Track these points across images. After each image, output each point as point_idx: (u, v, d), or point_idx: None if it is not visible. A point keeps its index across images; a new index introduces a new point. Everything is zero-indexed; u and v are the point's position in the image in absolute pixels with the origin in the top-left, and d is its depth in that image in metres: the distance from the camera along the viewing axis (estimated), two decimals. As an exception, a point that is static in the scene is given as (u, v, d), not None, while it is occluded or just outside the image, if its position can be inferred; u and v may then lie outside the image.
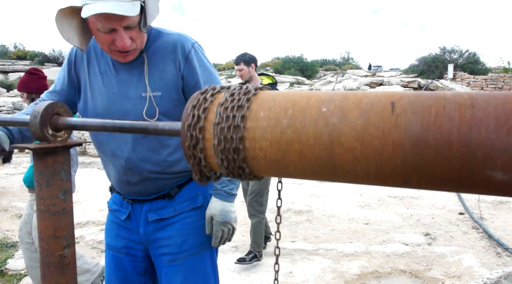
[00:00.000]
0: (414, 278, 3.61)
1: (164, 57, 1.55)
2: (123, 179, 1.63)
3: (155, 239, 1.67)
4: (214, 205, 1.65)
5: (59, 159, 0.89)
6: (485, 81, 19.28)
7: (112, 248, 1.75)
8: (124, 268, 1.73)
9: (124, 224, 1.72)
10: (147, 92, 1.51)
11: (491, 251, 4.13)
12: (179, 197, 1.68)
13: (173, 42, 1.56)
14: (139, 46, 1.48)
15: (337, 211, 5.47)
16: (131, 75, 1.55)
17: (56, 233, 0.89)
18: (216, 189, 1.67)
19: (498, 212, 5.38)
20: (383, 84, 19.98)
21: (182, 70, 1.55)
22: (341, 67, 29.69)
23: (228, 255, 4.09)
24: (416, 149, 0.49)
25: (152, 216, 1.66)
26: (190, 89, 1.56)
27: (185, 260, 1.66)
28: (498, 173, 0.45)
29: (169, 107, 1.54)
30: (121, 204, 1.73)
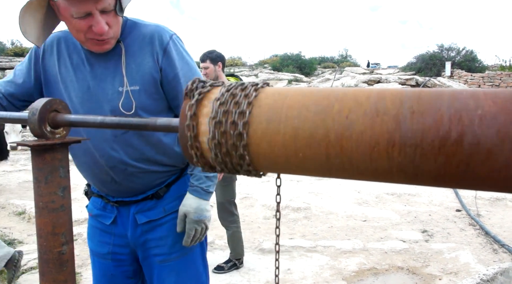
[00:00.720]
0: (411, 275, 3.63)
1: (141, 49, 1.47)
2: (106, 179, 1.55)
3: (144, 240, 1.61)
4: (190, 202, 1.57)
5: (57, 155, 0.89)
6: (482, 79, 19.31)
7: (97, 254, 1.68)
8: (112, 274, 1.67)
9: (108, 229, 1.64)
10: (124, 86, 1.43)
11: (488, 247, 4.15)
12: (168, 196, 1.62)
13: (150, 33, 1.48)
14: (116, 33, 1.40)
15: (335, 208, 5.48)
16: (106, 69, 1.46)
17: (55, 230, 0.89)
18: (192, 185, 1.58)
19: (494, 209, 5.40)
20: (381, 81, 20.02)
21: (161, 62, 1.47)
22: (339, 65, 29.69)
23: (227, 252, 4.10)
24: (410, 141, 0.50)
25: (141, 218, 1.59)
26: (169, 82, 1.49)
27: (177, 260, 1.62)
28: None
29: (147, 102, 1.47)
30: (104, 208, 1.65)
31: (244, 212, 5.33)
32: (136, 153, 1.51)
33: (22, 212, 5.33)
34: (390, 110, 0.52)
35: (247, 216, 5.21)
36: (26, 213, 5.28)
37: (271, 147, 0.57)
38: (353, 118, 0.53)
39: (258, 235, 4.54)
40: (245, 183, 6.70)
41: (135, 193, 1.59)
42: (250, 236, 4.51)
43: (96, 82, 1.46)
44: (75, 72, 1.49)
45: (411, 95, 0.52)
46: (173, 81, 1.49)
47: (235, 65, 31.37)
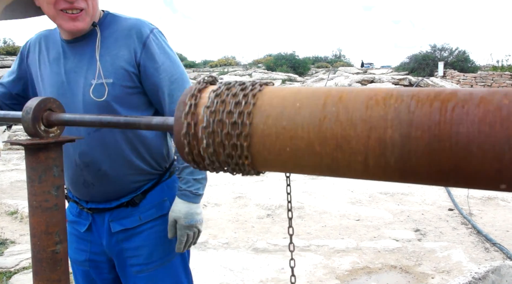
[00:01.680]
0: (404, 274, 3.65)
1: (118, 42, 1.43)
2: (79, 180, 1.49)
3: (120, 250, 1.55)
4: (179, 207, 1.49)
5: (51, 154, 0.88)
6: (475, 79, 19.45)
7: (75, 261, 1.63)
8: (92, 280, 1.63)
9: (84, 236, 1.58)
10: (101, 79, 1.40)
11: (480, 246, 4.19)
12: (144, 204, 1.54)
13: (129, 27, 1.44)
14: (90, 9, 1.37)
15: (329, 207, 5.50)
16: (80, 61, 1.44)
17: (48, 229, 0.89)
18: (181, 189, 1.51)
19: (486, 208, 5.44)
20: (374, 81, 20.09)
21: (139, 57, 1.43)
22: (333, 65, 29.76)
23: (220, 251, 4.10)
24: (405, 136, 0.51)
25: (115, 226, 1.52)
26: (148, 77, 1.45)
27: (154, 271, 1.54)
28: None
29: (121, 94, 1.42)
30: (79, 214, 1.59)
31: (238, 212, 5.34)
32: (110, 152, 1.46)
33: (14, 212, 5.29)
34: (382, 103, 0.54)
35: (241, 215, 5.21)
36: (18, 212, 5.25)
37: (265, 141, 0.57)
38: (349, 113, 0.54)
39: (252, 235, 4.55)
40: (239, 182, 6.70)
41: (108, 198, 1.52)
42: (244, 236, 4.52)
43: (71, 76, 1.44)
44: (51, 67, 1.48)
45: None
46: (152, 76, 1.45)
47: (229, 65, 31.35)
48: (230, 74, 24.62)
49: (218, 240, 4.33)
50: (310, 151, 0.56)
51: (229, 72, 25.83)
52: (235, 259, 3.92)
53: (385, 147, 0.52)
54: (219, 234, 4.53)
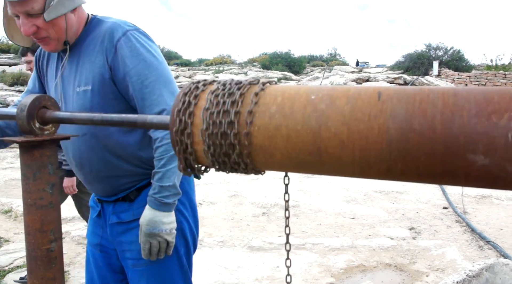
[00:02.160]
0: (399, 271, 3.66)
1: (95, 48, 1.43)
2: (80, 176, 1.60)
3: (119, 242, 1.61)
4: (145, 213, 1.46)
5: (46, 152, 0.88)
6: (469, 78, 19.54)
7: (90, 243, 1.72)
8: (101, 265, 1.68)
9: (98, 221, 1.68)
10: (82, 87, 1.45)
11: (474, 244, 4.21)
12: (139, 200, 1.57)
13: (104, 30, 1.44)
14: (54, 35, 1.41)
15: (324, 206, 5.51)
16: (70, 70, 1.49)
17: (43, 227, 0.89)
18: (149, 195, 1.47)
19: (480, 206, 5.48)
20: (370, 80, 20.14)
21: (110, 61, 1.41)
22: (328, 63, 29.79)
23: (216, 250, 4.10)
24: (400, 133, 0.50)
25: (112, 218, 1.60)
26: (120, 81, 1.42)
27: (146, 267, 1.56)
28: (479, 157, 0.47)
29: (101, 102, 1.43)
30: (95, 201, 1.70)
31: (233, 210, 5.34)
32: (97, 156, 1.51)
33: (9, 210, 5.27)
34: (371, 99, 0.54)
35: (236, 213, 5.21)
36: (12, 211, 5.23)
37: (258, 136, 0.58)
38: (338, 107, 0.54)
39: (247, 233, 4.55)
40: (235, 181, 6.70)
41: (106, 194, 1.60)
42: (239, 234, 4.52)
43: (64, 84, 1.52)
44: (52, 75, 1.57)
45: (388, 88, 0.54)
46: (124, 80, 1.41)
47: (224, 63, 31.31)
48: (225, 73, 24.59)
49: (213, 239, 4.33)
50: (312, 150, 0.56)
51: (225, 71, 25.80)
52: (231, 258, 3.92)
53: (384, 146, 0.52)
54: (215, 233, 4.53)
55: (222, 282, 3.45)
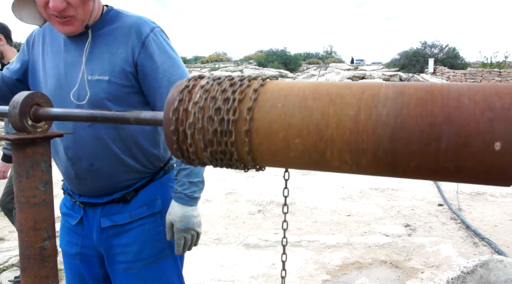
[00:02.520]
0: (394, 268, 3.68)
1: (117, 40, 1.41)
2: (70, 173, 1.49)
3: (109, 246, 1.53)
4: (175, 210, 1.48)
5: (39, 150, 0.87)
6: (464, 75, 19.60)
7: (66, 254, 1.62)
8: (82, 275, 1.60)
9: (75, 229, 1.58)
10: (83, 74, 1.38)
11: (469, 241, 4.23)
12: (136, 201, 1.53)
13: (129, 25, 1.42)
14: (81, 16, 1.34)
15: (320, 203, 5.52)
16: (79, 56, 1.42)
17: (36, 225, 0.88)
18: (176, 191, 1.49)
19: (475, 203, 5.50)
20: (365, 77, 20.17)
21: (137, 56, 1.40)
22: (324, 61, 29.81)
23: (211, 247, 4.10)
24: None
25: (105, 222, 1.51)
26: (146, 77, 1.42)
27: (142, 269, 1.53)
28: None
29: (117, 93, 1.40)
30: (72, 207, 1.58)
31: (229, 207, 5.34)
32: (104, 149, 1.44)
33: (3, 209, 5.24)
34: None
35: (232, 211, 5.21)
36: (7, 209, 5.20)
37: (255, 132, 0.57)
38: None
39: (243, 230, 4.55)
40: (230, 178, 6.70)
41: (99, 193, 1.51)
42: (235, 231, 4.52)
43: (69, 69, 1.43)
44: (53, 59, 1.47)
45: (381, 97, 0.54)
46: (150, 76, 1.42)
47: (220, 61, 31.26)
48: (221, 70, 24.56)
49: (209, 236, 4.33)
50: (311, 147, 0.55)
51: (220, 68, 25.76)
52: (226, 255, 3.92)
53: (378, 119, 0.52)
54: (210, 230, 4.52)
55: (218, 280, 3.45)
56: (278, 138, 0.56)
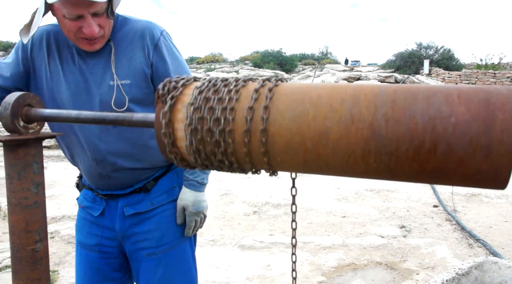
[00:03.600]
0: (389, 270, 3.68)
1: (132, 44, 1.51)
2: (95, 173, 1.58)
3: (132, 233, 1.64)
4: (187, 196, 1.64)
5: (30, 151, 0.87)
6: (459, 77, 19.69)
7: (84, 245, 1.70)
8: (97, 266, 1.69)
9: (96, 221, 1.67)
10: (115, 81, 1.47)
11: (464, 242, 4.24)
12: (156, 190, 1.65)
13: (141, 29, 1.52)
14: (107, 33, 1.45)
15: (315, 204, 5.52)
16: (97, 63, 1.49)
17: (28, 227, 0.87)
18: (187, 179, 1.65)
19: (470, 205, 5.52)
20: (361, 79, 20.20)
21: (151, 58, 1.51)
22: (320, 62, 29.86)
23: (206, 248, 4.09)
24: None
25: (128, 210, 1.62)
26: (160, 77, 1.52)
27: (164, 254, 1.64)
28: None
29: (139, 95, 1.50)
30: (94, 200, 1.67)
31: (224, 209, 5.33)
32: (127, 148, 1.54)
33: (-3, 210, 5.21)
34: (365, 117, 0.52)
35: (227, 212, 5.20)
36: (1, 210, 5.17)
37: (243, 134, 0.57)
38: (329, 126, 0.54)
39: (238, 232, 4.54)
40: (226, 179, 6.69)
41: (123, 186, 1.61)
42: (230, 232, 4.51)
43: (87, 77, 1.49)
44: (64, 66, 1.52)
45: (386, 100, 0.53)
46: (163, 76, 1.50)
47: (216, 61, 31.25)
48: (216, 71, 24.54)
49: (204, 237, 4.32)
50: (304, 150, 0.55)
51: (216, 69, 25.74)
52: (221, 256, 3.91)
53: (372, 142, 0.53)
54: (205, 231, 4.51)
55: (213, 281, 3.44)
56: (246, 133, 0.56)
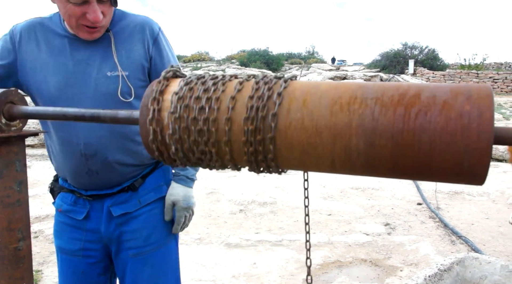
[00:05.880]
0: (374, 267, 3.72)
1: (132, 37, 1.51)
2: (82, 170, 1.52)
3: (119, 234, 1.60)
4: (177, 190, 1.63)
5: (13, 149, 0.86)
6: (444, 77, 19.95)
7: (67, 251, 1.64)
8: (82, 271, 1.64)
9: (79, 225, 1.61)
10: (118, 72, 1.47)
11: (446, 239, 4.31)
12: (143, 188, 1.62)
13: (141, 23, 1.54)
14: (107, 23, 1.45)
15: (301, 202, 5.54)
16: (92, 54, 1.48)
17: (10, 225, 0.87)
18: (178, 174, 1.65)
19: (453, 202, 5.60)
20: (347, 78, 20.33)
21: (151, 52, 1.53)
22: (306, 61, 29.96)
23: (193, 247, 4.08)
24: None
25: (116, 210, 1.58)
26: (157, 71, 1.54)
27: (151, 253, 1.62)
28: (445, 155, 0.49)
29: (133, 87, 1.50)
30: (75, 203, 1.61)
31: (210, 207, 5.32)
32: (119, 141, 1.53)
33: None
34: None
35: (214, 210, 5.20)
36: (-17, 210, 5.08)
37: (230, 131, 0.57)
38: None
39: (224, 230, 4.54)
40: (212, 178, 6.68)
41: (111, 185, 1.58)
42: (217, 231, 4.51)
43: (81, 67, 1.47)
44: (55, 57, 1.48)
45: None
46: (160, 70, 1.51)
47: (202, 60, 31.13)
48: (203, 70, 24.45)
49: (190, 236, 4.31)
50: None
51: (203, 68, 25.65)
52: (208, 255, 3.91)
53: (351, 154, 0.53)
54: (191, 230, 4.50)
55: (199, 279, 3.44)
56: (234, 129, 0.57)
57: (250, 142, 0.56)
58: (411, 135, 0.50)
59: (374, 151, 0.51)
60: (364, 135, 0.51)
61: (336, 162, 0.54)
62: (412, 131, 0.50)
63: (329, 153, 0.54)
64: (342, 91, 0.55)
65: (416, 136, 0.50)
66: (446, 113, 0.49)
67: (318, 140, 0.54)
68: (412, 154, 0.50)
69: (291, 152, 0.56)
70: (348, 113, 0.52)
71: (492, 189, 6.00)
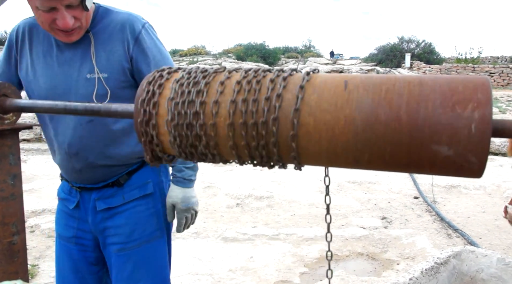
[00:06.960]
0: (371, 260, 3.73)
1: (112, 37, 1.47)
2: (68, 166, 1.56)
3: (103, 228, 1.62)
4: (175, 193, 1.63)
5: (7, 142, 0.85)
6: (440, 71, 19.97)
7: (63, 237, 1.69)
8: (75, 258, 1.67)
9: (72, 213, 1.66)
10: (95, 74, 1.44)
11: (443, 232, 4.32)
12: (129, 184, 1.62)
13: (122, 21, 1.48)
14: (84, 25, 1.41)
15: (298, 196, 5.55)
16: (74, 55, 1.47)
17: (4, 219, 0.86)
18: (175, 176, 1.64)
19: (449, 196, 5.62)
20: (343, 72, 20.34)
21: (131, 51, 1.48)
22: (303, 55, 29.91)
23: (189, 241, 4.08)
24: (366, 124, 0.50)
25: (100, 205, 1.60)
26: (140, 71, 1.50)
27: (134, 250, 1.61)
28: (443, 147, 0.47)
29: (114, 89, 1.47)
30: (70, 192, 1.66)
31: (207, 201, 5.32)
32: (100, 142, 1.52)
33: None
34: (337, 89, 0.53)
35: (210, 205, 5.20)
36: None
37: (224, 126, 0.56)
38: (304, 97, 0.53)
39: (221, 224, 4.54)
40: (208, 172, 6.67)
41: (95, 181, 1.59)
42: (213, 225, 4.51)
43: (64, 69, 1.47)
44: (45, 58, 1.49)
45: (355, 76, 0.54)
46: (144, 69, 1.49)
47: (198, 54, 31.03)
48: (199, 64, 24.38)
49: (187, 230, 4.29)
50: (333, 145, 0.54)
51: (199, 62, 25.58)
52: (204, 249, 3.91)
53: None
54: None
55: (196, 273, 3.44)
56: (226, 122, 0.56)
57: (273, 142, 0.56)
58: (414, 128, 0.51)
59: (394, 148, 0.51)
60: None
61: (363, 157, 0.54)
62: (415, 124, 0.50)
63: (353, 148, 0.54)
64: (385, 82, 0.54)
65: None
66: (444, 104, 0.48)
67: (350, 137, 0.53)
68: (412, 148, 0.50)
69: (316, 147, 0.55)
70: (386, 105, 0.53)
71: (489, 182, 6.02)
